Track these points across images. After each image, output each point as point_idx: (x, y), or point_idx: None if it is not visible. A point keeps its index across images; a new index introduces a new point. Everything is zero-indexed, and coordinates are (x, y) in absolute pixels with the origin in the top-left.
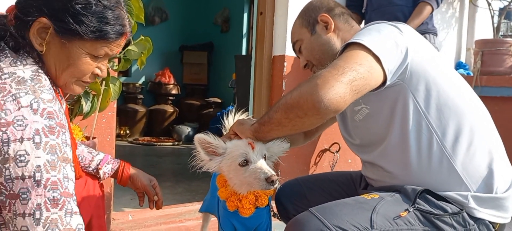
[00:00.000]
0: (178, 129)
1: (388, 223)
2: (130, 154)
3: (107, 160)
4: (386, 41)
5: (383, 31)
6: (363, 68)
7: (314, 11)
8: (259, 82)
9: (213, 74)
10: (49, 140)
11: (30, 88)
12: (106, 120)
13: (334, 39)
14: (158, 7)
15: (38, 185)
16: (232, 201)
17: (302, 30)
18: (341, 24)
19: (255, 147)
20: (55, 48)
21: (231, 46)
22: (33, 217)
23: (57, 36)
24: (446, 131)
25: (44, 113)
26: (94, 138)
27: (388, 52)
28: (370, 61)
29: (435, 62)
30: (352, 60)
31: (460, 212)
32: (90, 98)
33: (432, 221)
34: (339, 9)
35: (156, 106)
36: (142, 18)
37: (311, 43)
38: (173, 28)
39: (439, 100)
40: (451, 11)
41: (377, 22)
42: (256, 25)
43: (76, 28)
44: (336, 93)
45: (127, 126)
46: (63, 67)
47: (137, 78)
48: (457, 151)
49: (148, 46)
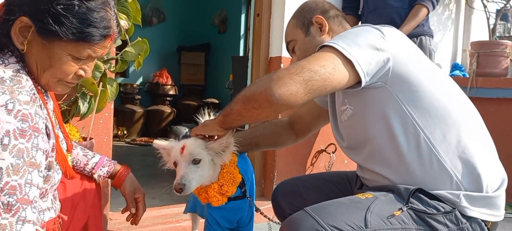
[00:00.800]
0: (176, 130)
1: (382, 222)
2: (128, 154)
3: (103, 162)
4: (363, 45)
5: (362, 35)
6: (324, 69)
7: (309, 13)
8: None
9: (210, 75)
10: (17, 143)
11: (8, 88)
12: (103, 121)
13: (327, 39)
14: (155, 8)
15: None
16: (201, 194)
17: (296, 30)
18: (335, 26)
19: (184, 152)
20: (37, 48)
21: (228, 47)
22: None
23: (38, 36)
24: (433, 130)
25: (18, 115)
26: (91, 139)
27: (363, 55)
28: (336, 63)
29: (420, 64)
30: (314, 61)
31: (452, 211)
32: (87, 99)
33: (425, 220)
34: (334, 11)
35: (154, 106)
36: (139, 20)
37: (305, 44)
38: (171, 29)
39: (425, 100)
40: (447, 13)
41: (362, 25)
42: (253, 26)
43: (56, 29)
44: (288, 90)
45: (124, 126)
46: (45, 67)
47: (135, 79)
48: (446, 149)
49: (145, 48)
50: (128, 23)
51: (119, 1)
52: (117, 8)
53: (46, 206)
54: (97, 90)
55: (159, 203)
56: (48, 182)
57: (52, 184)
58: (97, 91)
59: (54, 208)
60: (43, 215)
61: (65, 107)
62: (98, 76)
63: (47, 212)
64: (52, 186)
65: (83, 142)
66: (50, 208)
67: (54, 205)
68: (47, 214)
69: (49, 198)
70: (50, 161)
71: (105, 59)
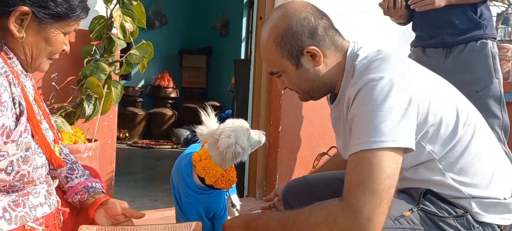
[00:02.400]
0: (177, 132)
1: (391, 222)
2: (129, 157)
3: (77, 189)
4: (402, 119)
5: (390, 109)
6: (394, 175)
7: (297, 40)
8: (258, 86)
9: (211, 78)
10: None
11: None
12: (107, 123)
13: (323, 70)
14: (157, 11)
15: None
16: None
17: (283, 62)
18: (328, 51)
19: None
20: (32, 33)
21: (229, 50)
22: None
23: (35, 21)
24: (443, 148)
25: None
26: (96, 140)
27: (406, 131)
28: (395, 156)
29: (431, 88)
30: (382, 175)
31: (464, 215)
32: (92, 102)
33: (435, 222)
34: (322, 24)
35: (155, 109)
36: (143, 23)
37: (298, 77)
38: (173, 32)
39: (435, 119)
40: None
41: (374, 82)
42: (256, 29)
43: (57, 11)
44: (381, 226)
45: (126, 129)
46: (41, 48)
47: (137, 81)
48: (455, 167)
49: (150, 50)
50: (133, 26)
51: (124, 4)
52: (122, 11)
53: (38, 202)
54: (102, 93)
55: (161, 205)
56: (28, 163)
57: (34, 167)
58: (102, 93)
59: (48, 204)
60: (35, 211)
61: (71, 109)
62: (103, 78)
63: (40, 208)
64: (34, 169)
65: (88, 144)
66: (43, 203)
67: (48, 201)
68: (39, 210)
69: (42, 194)
70: (26, 142)
71: (110, 62)
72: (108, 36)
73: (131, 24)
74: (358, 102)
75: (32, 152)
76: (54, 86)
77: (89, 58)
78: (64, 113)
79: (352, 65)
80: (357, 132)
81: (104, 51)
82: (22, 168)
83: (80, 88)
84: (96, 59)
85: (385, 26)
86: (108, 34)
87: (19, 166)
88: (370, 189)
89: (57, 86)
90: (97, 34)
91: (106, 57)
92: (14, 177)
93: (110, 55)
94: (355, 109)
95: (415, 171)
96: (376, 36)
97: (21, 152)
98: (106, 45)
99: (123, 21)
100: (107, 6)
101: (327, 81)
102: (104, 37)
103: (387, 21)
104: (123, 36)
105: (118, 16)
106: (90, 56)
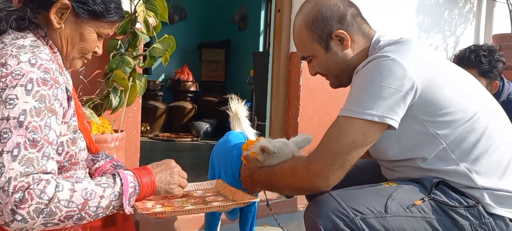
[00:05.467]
0: (197, 125)
1: (402, 210)
2: (151, 150)
3: (105, 168)
4: (388, 96)
5: (383, 83)
6: (355, 145)
7: (326, 24)
8: (277, 79)
9: (230, 71)
10: (40, 89)
11: (29, 50)
12: (132, 115)
13: (350, 54)
14: (177, 5)
15: (20, 126)
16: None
17: (314, 45)
18: (356, 36)
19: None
20: (70, 26)
21: (248, 44)
22: (11, 154)
23: (73, 15)
24: (459, 139)
25: (41, 68)
26: (122, 131)
27: (392, 106)
28: (365, 131)
29: (441, 75)
30: (343, 141)
31: (475, 206)
32: (118, 94)
33: (446, 211)
34: (350, 11)
35: (176, 103)
36: (166, 17)
37: (327, 61)
38: (192, 26)
39: (447, 110)
40: (468, 6)
41: (379, 58)
42: (274, 22)
43: (94, 9)
44: (331, 181)
45: (147, 122)
46: (75, 43)
47: (157, 75)
48: (470, 157)
49: (172, 44)
50: (156, 21)
51: (148, 0)
52: (146, 6)
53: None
54: (128, 85)
55: None
56: (75, 144)
57: (79, 149)
58: (128, 85)
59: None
60: None
61: (98, 101)
62: (128, 71)
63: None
64: (80, 151)
65: (114, 134)
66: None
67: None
68: None
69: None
70: (75, 125)
71: (135, 56)
72: (132, 31)
73: (154, 19)
74: (358, 75)
75: (78, 134)
76: (82, 80)
77: (115, 52)
78: (92, 105)
79: (374, 50)
80: (346, 99)
81: (129, 45)
82: (71, 148)
83: (107, 81)
84: (121, 53)
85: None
86: (132, 29)
87: (68, 147)
88: (327, 149)
89: (85, 80)
90: (122, 29)
91: (130, 51)
92: (65, 157)
93: (134, 49)
94: (353, 80)
95: (430, 163)
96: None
97: (70, 134)
98: (131, 39)
99: (146, 16)
100: (131, 2)
101: (354, 65)
102: (129, 32)
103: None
104: (146, 30)
105: (142, 11)
106: (116, 51)
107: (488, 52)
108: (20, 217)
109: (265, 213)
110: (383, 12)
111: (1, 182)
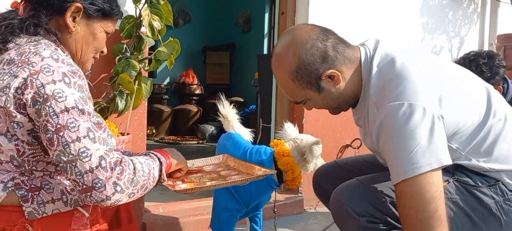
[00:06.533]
0: (202, 128)
1: None
2: None
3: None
4: (432, 142)
5: (420, 134)
6: (435, 201)
7: (312, 70)
8: None
9: (235, 74)
10: (76, 80)
11: (47, 45)
12: (138, 118)
13: (344, 85)
14: (181, 9)
15: (82, 113)
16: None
17: (305, 91)
18: (344, 67)
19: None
20: (83, 28)
21: (252, 46)
22: (89, 137)
23: (85, 17)
24: (468, 140)
25: (64, 61)
26: (129, 134)
27: (438, 149)
28: (429, 182)
29: (447, 91)
30: (425, 205)
31: (496, 183)
32: (124, 97)
33: (471, 191)
34: (330, 45)
35: (181, 106)
36: (170, 21)
37: (323, 100)
38: (196, 29)
39: (459, 124)
40: (472, 7)
41: (394, 111)
42: (278, 24)
43: (104, 8)
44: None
45: (153, 126)
46: (89, 43)
47: (162, 79)
48: (479, 152)
49: (177, 47)
50: (160, 24)
51: (152, 3)
52: (151, 10)
53: None
54: (134, 88)
55: (190, 197)
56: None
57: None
58: (134, 89)
59: None
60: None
61: (104, 104)
62: (134, 75)
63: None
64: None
65: (121, 137)
66: None
67: None
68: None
69: None
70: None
71: (140, 59)
72: (138, 34)
73: (159, 23)
74: (384, 136)
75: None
76: (89, 83)
77: (121, 56)
78: (98, 109)
79: (370, 71)
80: (392, 164)
81: (134, 49)
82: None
83: (113, 85)
84: (127, 56)
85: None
86: (138, 32)
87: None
88: (416, 221)
89: (91, 84)
90: (127, 33)
91: (136, 54)
92: None
93: (140, 53)
94: (383, 144)
95: None
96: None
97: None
98: (136, 43)
99: (151, 20)
100: (136, 6)
101: (350, 93)
102: (134, 36)
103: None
104: (151, 34)
105: (146, 15)
106: (121, 54)
107: (488, 59)
108: (119, 188)
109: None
110: (387, 14)
111: (94, 162)
